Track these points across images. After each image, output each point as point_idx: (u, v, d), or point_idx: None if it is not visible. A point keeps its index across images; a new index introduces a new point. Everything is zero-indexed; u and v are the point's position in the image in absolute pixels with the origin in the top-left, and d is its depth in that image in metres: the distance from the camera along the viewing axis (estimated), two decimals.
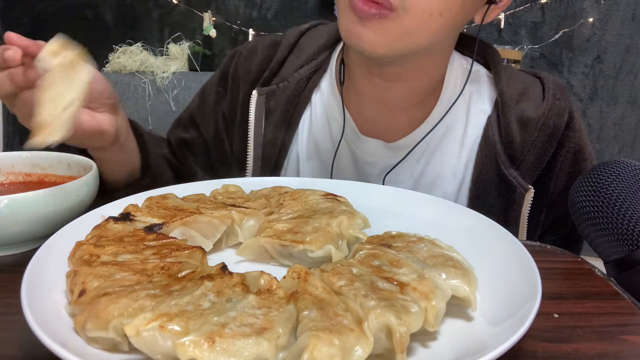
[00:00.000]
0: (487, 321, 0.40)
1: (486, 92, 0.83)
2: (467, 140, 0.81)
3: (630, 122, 2.67)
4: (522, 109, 0.77)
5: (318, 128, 0.87)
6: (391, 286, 0.38)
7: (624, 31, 2.56)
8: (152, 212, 0.51)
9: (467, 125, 0.82)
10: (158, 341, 0.32)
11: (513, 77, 0.81)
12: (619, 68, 2.61)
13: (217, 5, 2.66)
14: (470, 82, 0.82)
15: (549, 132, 0.76)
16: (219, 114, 0.93)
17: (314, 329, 0.32)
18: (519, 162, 0.77)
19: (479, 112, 0.81)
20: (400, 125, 0.82)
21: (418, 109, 0.81)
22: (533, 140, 0.76)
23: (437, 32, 0.68)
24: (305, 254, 0.47)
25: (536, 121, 0.76)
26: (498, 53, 0.85)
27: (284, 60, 0.88)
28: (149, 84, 2.41)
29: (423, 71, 0.78)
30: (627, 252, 0.51)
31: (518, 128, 0.77)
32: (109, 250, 0.42)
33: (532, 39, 2.59)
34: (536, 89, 0.80)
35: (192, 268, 0.41)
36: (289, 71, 0.86)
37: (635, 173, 0.54)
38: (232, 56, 0.94)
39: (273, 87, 0.85)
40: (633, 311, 0.46)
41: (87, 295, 0.36)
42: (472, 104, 0.82)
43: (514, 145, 0.77)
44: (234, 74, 0.91)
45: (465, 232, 0.51)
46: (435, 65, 0.79)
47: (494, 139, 0.78)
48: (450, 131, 0.82)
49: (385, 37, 0.66)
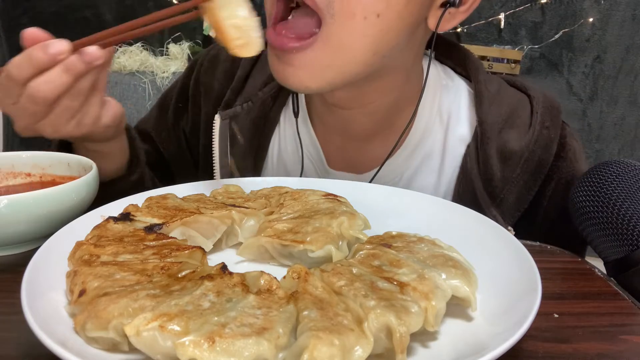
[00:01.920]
0: (487, 321, 0.40)
1: (466, 113, 0.73)
2: (444, 172, 0.73)
3: (630, 122, 2.66)
4: (504, 139, 0.68)
5: (287, 152, 0.78)
6: (391, 286, 0.38)
7: (624, 31, 2.56)
8: (152, 212, 0.51)
9: (444, 155, 0.73)
10: (158, 341, 0.32)
11: (497, 98, 0.71)
12: (619, 68, 2.60)
13: None
14: (448, 100, 0.73)
15: (532, 167, 0.68)
16: (181, 132, 0.85)
17: (314, 329, 0.32)
18: (499, 200, 0.68)
19: (457, 141, 0.72)
20: (373, 155, 0.73)
21: (389, 134, 0.72)
22: (515, 177, 0.68)
23: (377, 42, 0.57)
24: (305, 254, 0.47)
25: (519, 155, 0.67)
26: (481, 65, 0.74)
27: (246, 77, 0.78)
28: (149, 84, 2.41)
29: (380, 93, 0.68)
30: (627, 252, 0.51)
31: (499, 162, 0.68)
32: (109, 250, 0.42)
33: (532, 39, 2.59)
34: (523, 112, 0.71)
35: (192, 268, 0.41)
36: (252, 89, 0.76)
37: (635, 173, 0.54)
38: (191, 67, 0.85)
39: (237, 109, 0.75)
40: (633, 311, 0.46)
41: (87, 295, 0.36)
42: (450, 129, 0.73)
43: (494, 182, 0.68)
44: (194, 91, 0.82)
45: (465, 232, 0.51)
46: (397, 83, 0.68)
47: (472, 172, 0.69)
48: (426, 161, 0.73)
49: (311, 69, 0.57)
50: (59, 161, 0.64)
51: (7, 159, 0.64)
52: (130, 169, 0.73)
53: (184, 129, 0.85)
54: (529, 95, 0.72)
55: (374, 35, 0.56)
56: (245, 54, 0.53)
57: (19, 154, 0.64)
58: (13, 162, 0.64)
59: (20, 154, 0.64)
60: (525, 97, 0.72)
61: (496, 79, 0.75)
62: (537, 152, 0.68)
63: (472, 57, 0.75)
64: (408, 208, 0.58)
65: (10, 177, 0.64)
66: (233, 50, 0.53)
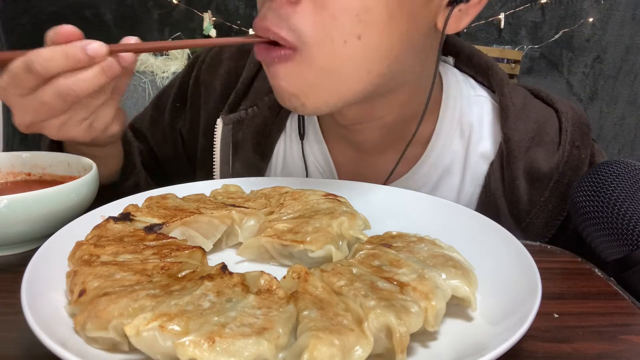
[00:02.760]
0: (487, 321, 0.40)
1: (489, 129, 0.68)
2: (465, 190, 0.68)
3: (630, 122, 2.67)
4: (531, 158, 0.64)
5: (294, 162, 0.74)
6: (391, 286, 0.38)
7: (624, 31, 2.56)
8: (152, 212, 0.51)
9: (464, 171, 0.68)
10: (158, 341, 0.32)
11: (523, 113, 0.66)
12: (619, 68, 2.61)
13: (217, 5, 2.66)
14: (471, 112, 0.68)
15: (562, 190, 0.63)
16: (177, 134, 0.81)
17: (314, 329, 0.32)
18: (525, 224, 0.64)
19: (480, 157, 0.67)
20: (384, 168, 0.68)
21: (408, 150, 0.65)
22: (543, 200, 0.63)
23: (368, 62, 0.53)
24: (305, 254, 0.47)
25: (548, 177, 0.63)
26: (506, 77, 0.69)
27: (252, 79, 0.74)
28: (149, 84, 2.41)
29: (390, 108, 0.64)
30: (627, 252, 0.51)
31: (526, 184, 0.63)
32: (109, 250, 0.42)
33: (532, 39, 2.59)
34: (551, 128, 0.66)
35: (192, 268, 0.41)
36: (258, 93, 0.72)
37: (635, 173, 0.54)
38: (192, 64, 0.80)
39: (241, 115, 0.71)
40: (633, 311, 0.46)
41: (87, 295, 0.36)
42: (471, 145, 0.68)
43: (520, 204, 0.63)
44: (194, 90, 0.78)
45: (465, 232, 0.51)
46: (406, 96, 0.63)
47: (496, 193, 0.65)
48: (445, 177, 0.68)
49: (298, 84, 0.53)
50: (59, 161, 0.64)
51: (7, 159, 0.64)
52: (124, 175, 0.71)
53: (180, 130, 0.81)
54: (557, 110, 0.68)
55: (361, 56, 0.52)
56: None
57: (19, 154, 0.64)
58: (13, 162, 0.64)
59: (20, 154, 0.64)
60: (552, 111, 0.68)
61: (521, 90, 0.71)
62: (568, 174, 0.64)
63: (496, 68, 0.70)
64: (408, 208, 0.58)
65: (10, 177, 0.64)
66: None
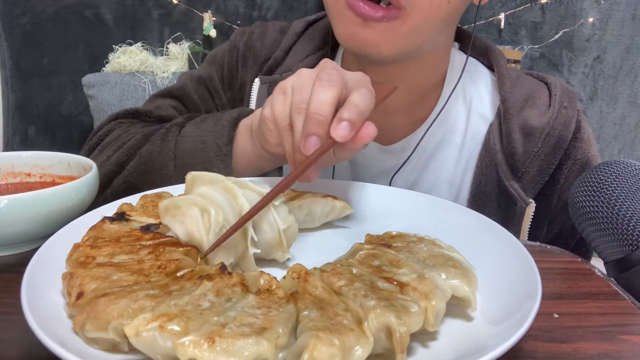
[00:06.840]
0: (487, 321, 0.40)
1: (488, 96, 0.79)
2: (466, 147, 0.78)
3: (630, 122, 2.66)
4: (525, 116, 0.73)
5: None
6: (391, 286, 0.38)
7: (624, 31, 2.56)
8: (147, 211, 0.51)
9: (466, 131, 0.78)
10: (158, 341, 0.32)
11: (518, 82, 0.77)
12: (619, 68, 2.60)
13: (217, 5, 2.65)
14: (472, 84, 0.78)
15: (553, 142, 0.73)
16: (223, 96, 0.88)
17: (314, 329, 0.32)
18: (521, 173, 0.73)
19: (480, 119, 0.78)
20: (397, 128, 0.79)
21: (416, 110, 0.78)
22: (536, 151, 0.72)
23: (442, 23, 0.66)
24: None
25: (540, 130, 0.72)
26: (502, 55, 0.81)
27: (289, 48, 0.83)
28: (149, 84, 2.40)
29: (423, 69, 0.75)
30: (627, 252, 0.51)
31: (521, 137, 0.73)
32: (104, 251, 0.42)
33: (532, 39, 2.59)
34: (542, 95, 0.76)
35: (189, 266, 0.41)
36: (294, 60, 0.81)
37: (635, 173, 0.54)
38: (242, 32, 0.89)
39: (277, 77, 0.80)
40: (633, 311, 0.46)
41: (85, 297, 0.36)
42: (472, 108, 0.78)
43: (516, 155, 0.73)
44: (245, 51, 0.86)
45: (465, 232, 0.51)
46: (436, 61, 0.76)
47: (495, 148, 0.74)
48: (448, 136, 0.78)
49: (393, 37, 0.64)
50: (59, 161, 0.64)
51: (7, 159, 0.64)
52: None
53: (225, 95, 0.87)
54: (547, 82, 0.78)
55: (444, 16, 0.65)
56: None
57: (19, 154, 0.64)
58: (13, 162, 0.64)
59: (20, 154, 0.64)
60: (543, 84, 0.78)
61: (515, 69, 0.82)
62: (557, 128, 0.73)
63: (494, 47, 0.82)
64: (408, 208, 0.58)
65: (10, 177, 0.64)
66: None
